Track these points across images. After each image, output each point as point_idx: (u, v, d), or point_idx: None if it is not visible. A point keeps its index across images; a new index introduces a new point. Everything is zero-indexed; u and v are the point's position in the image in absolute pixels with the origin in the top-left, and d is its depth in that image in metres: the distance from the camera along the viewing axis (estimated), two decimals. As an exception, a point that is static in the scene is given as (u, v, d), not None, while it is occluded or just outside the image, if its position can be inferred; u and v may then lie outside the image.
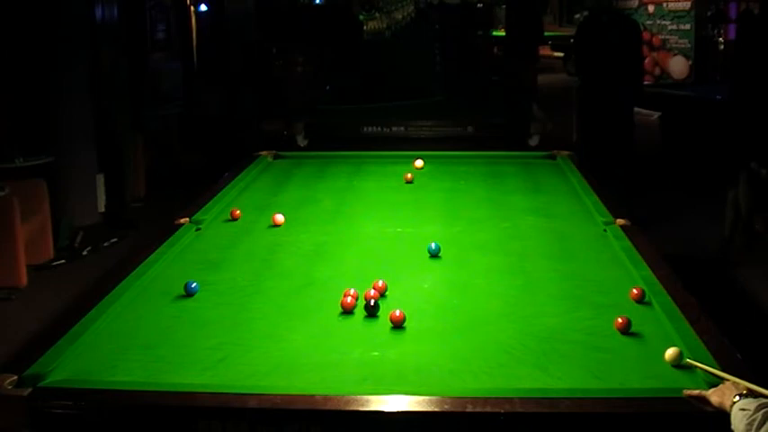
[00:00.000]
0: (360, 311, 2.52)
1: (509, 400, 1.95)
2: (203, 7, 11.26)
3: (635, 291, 2.60)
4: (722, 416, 1.84)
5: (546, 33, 13.64)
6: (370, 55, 9.74)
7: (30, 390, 2.02)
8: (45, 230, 5.99)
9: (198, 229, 3.44)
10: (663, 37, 11.63)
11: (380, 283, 2.67)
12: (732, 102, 8.30)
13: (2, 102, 6.74)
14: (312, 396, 1.98)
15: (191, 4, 10.99)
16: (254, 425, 1.96)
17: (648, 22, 11.65)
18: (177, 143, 9.36)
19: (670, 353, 2.17)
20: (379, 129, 6.87)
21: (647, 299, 2.58)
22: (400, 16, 9.82)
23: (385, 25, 9.86)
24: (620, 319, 2.39)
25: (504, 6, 13.02)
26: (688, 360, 2.14)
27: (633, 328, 2.38)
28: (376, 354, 2.27)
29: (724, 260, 5.90)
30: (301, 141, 6.76)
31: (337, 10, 11.56)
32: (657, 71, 11.58)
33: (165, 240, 3.21)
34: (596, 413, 1.93)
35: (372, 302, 2.50)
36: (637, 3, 11.80)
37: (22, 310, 5.22)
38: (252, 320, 2.52)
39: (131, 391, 2.05)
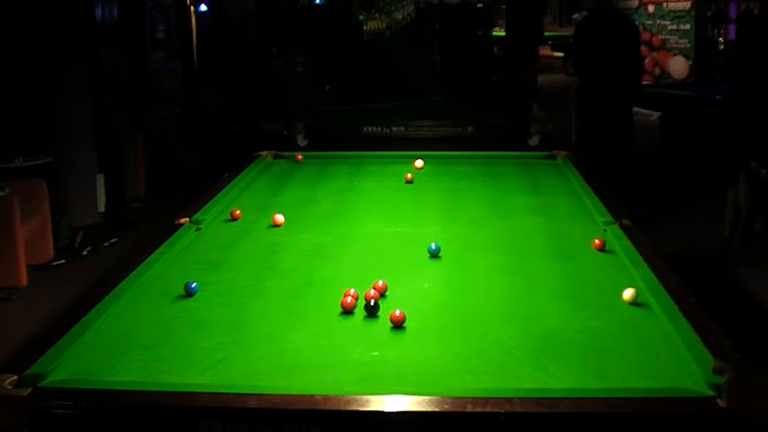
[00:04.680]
0: (360, 311, 2.52)
1: (509, 400, 1.94)
2: (203, 7, 11.27)
3: (597, 241, 2.86)
4: (722, 416, 1.84)
5: (546, 33, 13.65)
6: (370, 55, 9.73)
7: (30, 390, 2.02)
8: (45, 230, 5.99)
9: (198, 229, 3.43)
10: (663, 37, 11.64)
11: (380, 283, 2.66)
12: (732, 102, 8.30)
13: (2, 102, 6.74)
14: (312, 396, 1.97)
15: (191, 4, 10.99)
16: (254, 425, 1.96)
17: (648, 22, 11.65)
18: (177, 143, 9.37)
19: (629, 293, 2.48)
20: (379, 129, 6.86)
21: (644, 299, 2.58)
22: (400, 16, 9.81)
23: (385, 25, 9.84)
24: (597, 241, 2.81)
25: (503, 6, 13.01)
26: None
27: (632, 329, 2.39)
28: (376, 354, 2.27)
29: (724, 260, 5.90)
30: (301, 141, 6.76)
31: (337, 10, 11.55)
32: (657, 71, 11.59)
33: (165, 240, 3.20)
34: (596, 413, 1.93)
35: (372, 302, 2.50)
36: (637, 3, 11.80)
37: (22, 310, 5.22)
38: (252, 320, 2.51)
39: (131, 391, 2.04)
